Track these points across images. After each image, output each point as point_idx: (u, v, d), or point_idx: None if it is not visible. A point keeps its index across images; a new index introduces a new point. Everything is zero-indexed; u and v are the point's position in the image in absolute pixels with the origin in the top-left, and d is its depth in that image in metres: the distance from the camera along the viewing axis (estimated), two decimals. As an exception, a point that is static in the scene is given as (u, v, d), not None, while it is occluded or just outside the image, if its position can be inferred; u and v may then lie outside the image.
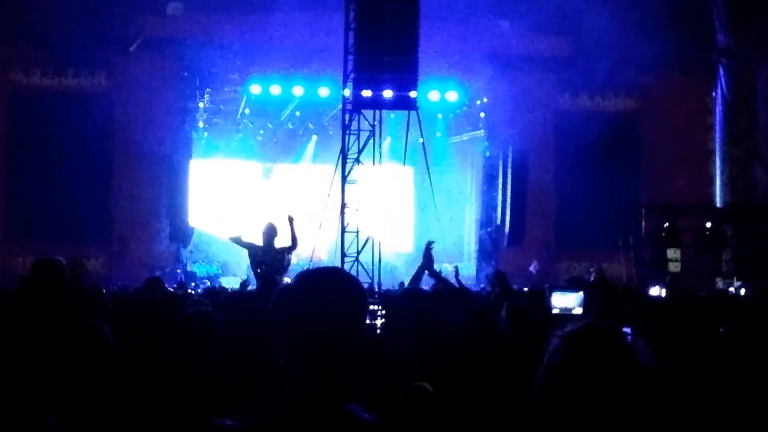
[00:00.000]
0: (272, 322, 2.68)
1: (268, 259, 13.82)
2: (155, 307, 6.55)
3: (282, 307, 2.67)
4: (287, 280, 13.59)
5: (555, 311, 7.47)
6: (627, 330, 5.49)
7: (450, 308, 5.97)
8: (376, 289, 15.35)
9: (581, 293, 7.51)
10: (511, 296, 8.41)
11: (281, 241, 14.12)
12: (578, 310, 7.42)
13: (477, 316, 6.52)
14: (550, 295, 7.64)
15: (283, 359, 2.65)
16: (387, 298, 7.70)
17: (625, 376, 2.72)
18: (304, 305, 2.64)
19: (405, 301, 5.12)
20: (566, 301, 7.39)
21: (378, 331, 6.58)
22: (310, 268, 2.89)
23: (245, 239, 14.11)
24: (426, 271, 8.90)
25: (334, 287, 2.70)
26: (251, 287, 14.17)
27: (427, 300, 5.49)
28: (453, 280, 9.74)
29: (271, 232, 13.98)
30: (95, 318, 4.76)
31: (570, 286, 8.32)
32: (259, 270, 13.87)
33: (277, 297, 2.70)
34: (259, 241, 13.95)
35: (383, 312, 6.81)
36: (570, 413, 2.69)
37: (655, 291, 15.09)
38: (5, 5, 21.40)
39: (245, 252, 14.22)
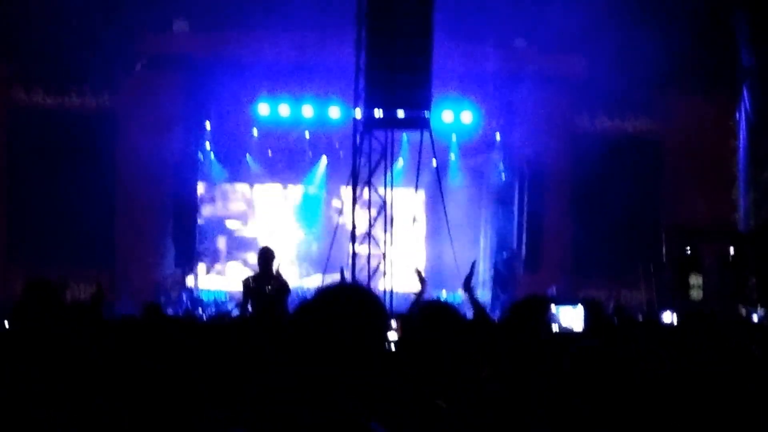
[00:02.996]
0: (292, 338, 2.69)
1: (263, 287, 13.36)
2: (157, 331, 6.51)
3: (302, 323, 2.68)
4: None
5: (555, 328, 7.44)
6: None
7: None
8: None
9: (582, 310, 7.47)
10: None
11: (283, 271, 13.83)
12: (579, 328, 7.39)
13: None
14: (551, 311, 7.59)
15: (303, 375, 2.65)
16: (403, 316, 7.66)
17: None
18: (324, 321, 2.65)
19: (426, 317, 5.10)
20: (569, 318, 7.35)
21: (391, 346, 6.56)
22: (329, 284, 2.89)
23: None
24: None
25: (354, 304, 2.71)
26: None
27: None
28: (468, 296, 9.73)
29: (266, 257, 13.60)
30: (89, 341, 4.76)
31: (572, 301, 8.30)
32: (254, 302, 13.37)
33: (296, 313, 2.72)
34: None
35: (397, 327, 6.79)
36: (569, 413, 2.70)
37: (668, 317, 15.10)
38: (6, 21, 21.48)
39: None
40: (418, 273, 10.46)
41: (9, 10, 21.37)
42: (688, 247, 20.89)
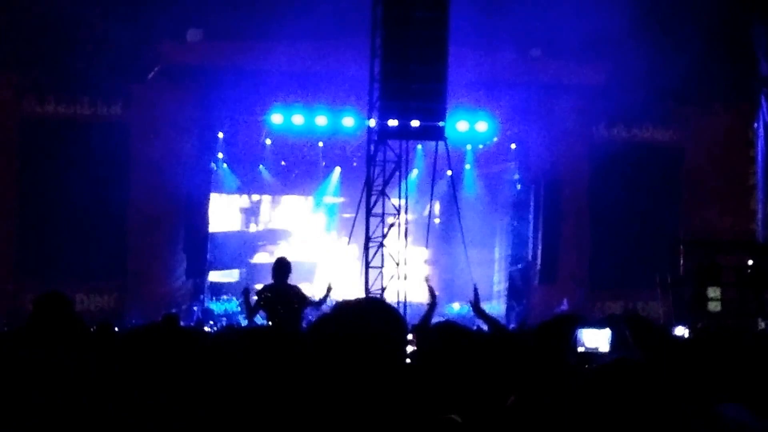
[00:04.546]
0: (310, 352, 2.71)
1: (280, 299, 13.24)
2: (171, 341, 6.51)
3: (321, 337, 2.70)
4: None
5: (581, 349, 7.41)
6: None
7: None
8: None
9: (609, 330, 7.44)
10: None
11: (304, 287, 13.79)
12: (605, 349, 7.37)
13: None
14: (577, 332, 7.56)
15: (320, 390, 2.67)
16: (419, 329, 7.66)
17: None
18: (343, 336, 2.67)
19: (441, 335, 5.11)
20: (595, 340, 7.34)
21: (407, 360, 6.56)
22: (348, 300, 2.91)
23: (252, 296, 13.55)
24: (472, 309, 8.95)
25: (375, 318, 2.73)
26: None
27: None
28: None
29: (281, 269, 13.51)
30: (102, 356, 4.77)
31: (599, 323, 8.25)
32: (272, 313, 13.25)
33: (316, 327, 2.74)
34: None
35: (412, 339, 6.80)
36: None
37: (680, 331, 15.07)
38: (18, 31, 21.55)
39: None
40: (428, 285, 10.35)
41: (20, 19, 21.46)
42: (707, 259, 20.83)
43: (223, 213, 26.76)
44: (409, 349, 6.47)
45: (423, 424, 3.68)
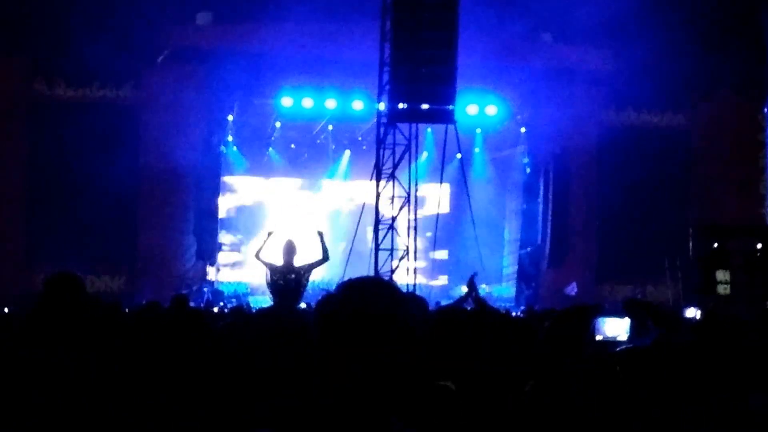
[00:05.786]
0: (315, 331, 2.76)
1: (286, 279, 13.62)
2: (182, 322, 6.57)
3: (326, 316, 2.74)
4: (303, 305, 13.70)
5: (599, 338, 7.40)
6: None
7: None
8: None
9: (628, 319, 7.43)
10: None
11: (308, 257, 14.01)
12: (624, 337, 7.37)
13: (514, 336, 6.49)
14: (596, 321, 7.55)
15: (325, 369, 2.71)
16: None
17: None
18: (348, 314, 2.72)
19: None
20: (614, 328, 7.36)
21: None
22: (352, 278, 2.95)
23: (268, 259, 13.85)
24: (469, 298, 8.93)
25: (379, 296, 2.77)
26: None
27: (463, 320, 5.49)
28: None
29: (290, 250, 13.79)
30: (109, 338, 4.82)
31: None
32: (276, 290, 13.64)
33: (320, 306, 2.78)
34: (279, 260, 13.75)
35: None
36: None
37: (691, 313, 15.07)
38: (29, 15, 21.57)
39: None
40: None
41: (31, 3, 21.47)
42: (716, 243, 20.79)
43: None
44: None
45: (418, 391, 3.72)
